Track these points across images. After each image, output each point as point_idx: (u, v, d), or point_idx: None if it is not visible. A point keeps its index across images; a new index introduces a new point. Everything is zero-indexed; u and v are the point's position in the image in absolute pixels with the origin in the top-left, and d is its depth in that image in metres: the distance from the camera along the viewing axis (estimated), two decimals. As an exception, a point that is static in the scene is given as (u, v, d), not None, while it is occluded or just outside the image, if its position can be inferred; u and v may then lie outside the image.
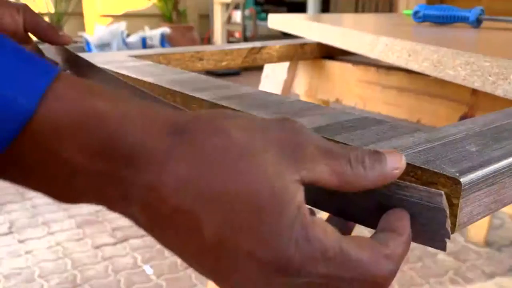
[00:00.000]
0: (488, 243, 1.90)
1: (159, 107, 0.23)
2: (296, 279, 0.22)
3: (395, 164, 0.25)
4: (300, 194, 0.22)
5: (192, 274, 1.65)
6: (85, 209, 2.11)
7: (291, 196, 0.22)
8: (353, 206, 0.28)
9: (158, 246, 1.82)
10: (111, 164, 0.21)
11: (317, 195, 0.28)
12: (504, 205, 0.28)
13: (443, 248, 0.25)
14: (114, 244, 1.84)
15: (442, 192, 0.24)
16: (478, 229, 1.85)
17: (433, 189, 0.25)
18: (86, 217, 2.04)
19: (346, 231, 0.29)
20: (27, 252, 1.77)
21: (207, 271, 0.23)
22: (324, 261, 0.22)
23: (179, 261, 1.73)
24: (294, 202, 0.22)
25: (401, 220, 0.25)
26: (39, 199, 2.20)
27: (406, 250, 0.24)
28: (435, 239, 0.25)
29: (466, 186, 0.25)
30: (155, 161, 0.21)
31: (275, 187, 0.21)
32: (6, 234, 1.90)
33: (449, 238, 0.25)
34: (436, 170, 0.26)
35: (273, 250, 0.21)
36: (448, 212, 0.25)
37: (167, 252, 1.78)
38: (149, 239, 1.86)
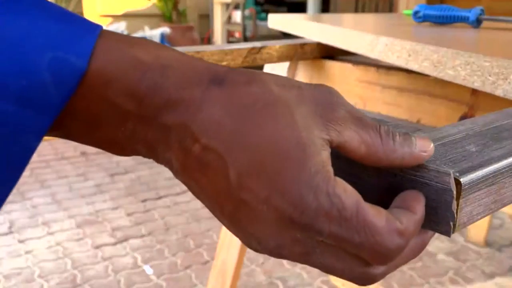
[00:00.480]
0: (488, 243, 1.90)
1: (199, 60, 0.24)
2: (308, 233, 0.22)
3: (424, 147, 0.25)
4: (325, 153, 0.22)
5: (192, 274, 1.65)
6: (85, 209, 2.11)
7: (317, 150, 0.22)
8: (363, 184, 0.28)
9: (158, 246, 1.82)
10: (154, 109, 0.22)
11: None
12: (504, 205, 0.28)
13: (448, 232, 0.25)
14: (114, 244, 1.84)
15: (451, 172, 0.25)
16: (478, 229, 1.84)
17: (442, 169, 0.25)
18: (86, 217, 2.04)
19: None
20: (27, 252, 1.77)
21: (226, 218, 0.24)
22: (339, 219, 0.22)
23: (179, 261, 1.73)
24: (318, 156, 0.22)
25: (416, 200, 0.25)
26: (39, 199, 2.20)
27: (417, 230, 0.24)
28: (441, 222, 0.26)
29: (466, 186, 0.25)
30: (193, 104, 0.22)
31: (302, 137, 0.22)
32: (6, 234, 1.90)
33: (454, 221, 0.25)
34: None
35: (291, 197, 0.21)
36: (455, 193, 0.25)
37: (167, 252, 1.78)
38: (149, 239, 1.86)
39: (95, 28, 0.22)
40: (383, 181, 0.27)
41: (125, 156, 0.26)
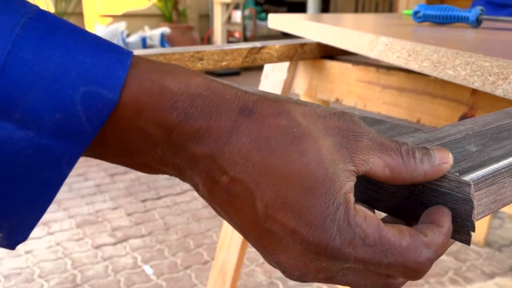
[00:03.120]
0: (488, 243, 1.90)
1: (228, 87, 0.24)
2: (334, 263, 0.23)
3: (443, 159, 0.26)
4: (349, 184, 0.24)
5: (192, 274, 1.65)
6: (85, 209, 2.11)
7: (341, 184, 0.23)
8: (383, 193, 0.29)
9: (158, 246, 1.82)
10: (183, 139, 0.23)
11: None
12: (504, 205, 0.28)
13: (468, 241, 0.26)
14: (114, 244, 1.84)
15: (471, 183, 0.25)
16: (478, 229, 1.85)
17: (463, 179, 0.25)
18: (86, 217, 2.04)
19: None
20: (27, 252, 1.77)
21: (252, 242, 0.25)
22: (364, 247, 0.23)
23: (179, 261, 1.73)
24: (342, 189, 0.23)
25: (441, 213, 0.25)
26: (39, 199, 2.20)
27: (446, 241, 0.25)
28: (461, 232, 0.26)
29: (466, 186, 0.25)
30: (221, 135, 0.23)
31: (329, 173, 0.23)
32: (6, 234, 1.90)
33: (473, 231, 0.25)
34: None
35: (316, 231, 0.22)
36: (475, 203, 0.25)
37: (167, 252, 1.78)
38: (149, 239, 1.86)
39: (127, 57, 0.23)
40: (403, 190, 0.28)
41: (155, 174, 0.27)
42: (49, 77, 0.21)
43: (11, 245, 0.24)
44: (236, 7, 5.36)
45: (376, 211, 0.28)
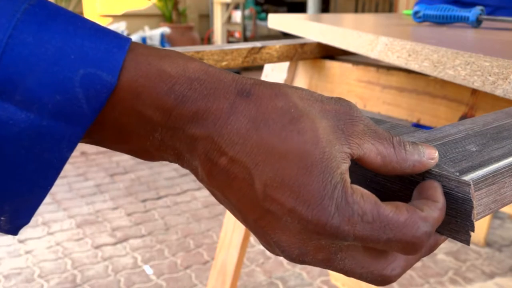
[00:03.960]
0: (488, 243, 1.90)
1: (225, 72, 0.25)
2: (333, 241, 0.24)
3: (431, 155, 0.26)
4: (345, 166, 0.24)
5: (192, 274, 1.65)
6: (85, 209, 2.11)
7: (338, 164, 0.23)
8: (386, 191, 0.29)
9: (158, 246, 1.82)
10: (182, 121, 0.23)
11: (355, 181, 0.29)
12: (504, 205, 0.28)
13: (467, 241, 0.26)
14: (114, 244, 1.84)
15: (471, 182, 0.25)
16: (478, 229, 1.84)
17: (462, 179, 0.25)
18: (86, 217, 2.04)
19: None
20: (27, 252, 1.77)
21: (250, 225, 0.25)
22: (362, 223, 0.23)
23: (179, 261, 1.73)
24: (338, 169, 0.23)
25: (433, 188, 0.26)
26: (39, 199, 2.20)
27: (441, 216, 0.25)
28: (460, 231, 0.26)
29: (466, 186, 0.25)
30: (220, 116, 0.23)
31: (326, 152, 0.23)
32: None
33: (473, 230, 0.25)
34: (436, 170, 0.26)
35: (315, 209, 0.23)
36: (475, 203, 0.25)
37: (167, 252, 1.78)
38: (149, 239, 1.86)
39: (125, 42, 0.23)
40: (405, 189, 0.28)
41: (154, 161, 0.27)
42: (49, 59, 0.21)
43: (14, 230, 0.24)
44: (236, 7, 5.36)
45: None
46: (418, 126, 1.41)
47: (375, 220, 0.23)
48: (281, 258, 1.76)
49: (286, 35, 4.88)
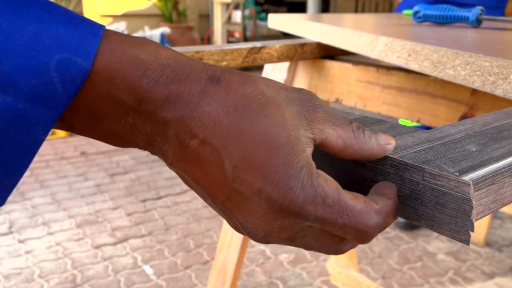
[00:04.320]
0: (488, 243, 1.90)
1: (196, 60, 0.26)
2: (296, 220, 0.25)
3: (388, 140, 0.28)
4: (310, 150, 0.25)
5: (192, 274, 1.65)
6: (85, 209, 2.11)
7: (303, 147, 0.25)
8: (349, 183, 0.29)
9: (158, 246, 1.82)
10: (154, 105, 0.24)
11: (348, 181, 0.30)
12: (504, 205, 0.28)
13: (467, 241, 0.26)
14: (114, 244, 1.84)
15: (471, 182, 0.25)
16: (478, 229, 1.84)
17: (462, 179, 0.25)
18: (86, 217, 2.04)
19: None
20: (27, 252, 1.77)
21: (219, 206, 0.26)
22: (323, 206, 0.25)
23: (179, 261, 1.73)
24: (304, 153, 0.25)
25: (389, 188, 0.28)
26: (39, 199, 2.20)
27: (392, 212, 0.27)
28: (460, 231, 0.26)
29: (466, 186, 0.25)
30: (191, 101, 0.24)
31: (291, 136, 0.24)
32: (6, 234, 1.90)
33: (472, 230, 0.25)
34: (436, 170, 0.26)
35: (281, 189, 0.24)
36: (474, 203, 0.25)
37: (167, 252, 1.78)
38: (149, 239, 1.86)
39: (99, 29, 0.24)
40: (405, 189, 0.28)
41: (124, 147, 0.27)
42: (25, 44, 0.22)
43: None
44: (236, 7, 5.36)
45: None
46: (423, 127, 1.41)
47: (335, 204, 0.25)
48: (281, 258, 1.76)
49: (286, 35, 4.88)
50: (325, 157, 0.31)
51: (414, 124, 1.42)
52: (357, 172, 0.30)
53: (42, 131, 0.23)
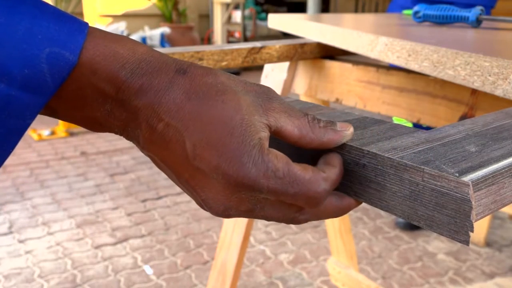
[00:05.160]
0: (488, 243, 1.90)
1: (167, 55, 0.30)
2: (251, 193, 0.28)
3: (345, 127, 0.31)
4: (264, 134, 0.28)
5: (192, 274, 1.65)
6: (85, 209, 2.11)
7: (256, 130, 0.28)
8: (386, 192, 0.29)
9: (158, 246, 1.82)
10: (129, 93, 0.27)
11: (350, 182, 0.31)
12: (504, 205, 0.28)
13: (466, 241, 0.26)
14: (114, 244, 1.84)
15: (470, 183, 0.25)
16: (478, 229, 1.84)
17: (462, 180, 0.25)
18: (86, 217, 2.04)
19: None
20: (27, 252, 1.77)
21: (183, 185, 0.29)
22: (275, 178, 0.27)
23: (179, 261, 1.73)
24: (257, 134, 0.28)
25: (335, 157, 0.31)
26: (39, 199, 2.20)
27: (339, 178, 0.30)
28: (460, 232, 0.26)
29: (466, 186, 0.25)
30: (160, 89, 0.27)
31: (245, 119, 0.27)
32: (6, 234, 1.90)
33: (472, 231, 0.25)
34: (435, 171, 0.26)
35: (235, 165, 0.27)
36: (474, 204, 0.25)
37: (167, 252, 1.78)
38: (149, 239, 1.86)
39: (84, 26, 0.27)
40: (404, 189, 0.28)
41: (101, 132, 0.31)
42: (19, 38, 0.24)
43: None
44: (236, 7, 5.36)
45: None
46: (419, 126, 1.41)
47: (285, 176, 0.27)
48: (281, 258, 1.76)
49: (286, 35, 4.88)
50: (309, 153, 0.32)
51: (408, 123, 1.42)
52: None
53: (29, 116, 0.26)
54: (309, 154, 0.32)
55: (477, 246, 1.88)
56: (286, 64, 0.90)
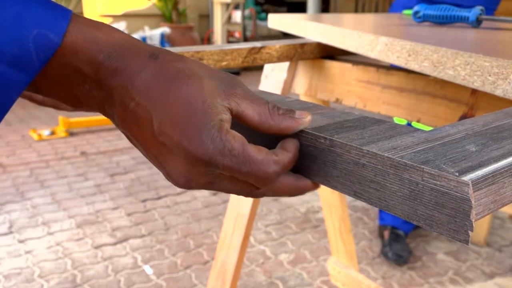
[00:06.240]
0: (488, 243, 1.90)
1: (142, 42, 0.32)
2: (209, 168, 0.30)
3: (303, 115, 0.33)
4: (225, 116, 0.31)
5: (192, 274, 1.65)
6: (85, 209, 2.11)
7: (217, 112, 0.30)
8: (385, 191, 0.29)
9: (158, 246, 1.82)
10: (106, 74, 0.30)
11: (350, 182, 0.31)
12: (504, 205, 0.28)
13: (466, 241, 0.26)
14: (114, 244, 1.84)
15: (470, 182, 0.25)
16: (478, 229, 1.84)
17: (461, 179, 0.25)
18: (86, 217, 2.04)
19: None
20: (27, 252, 1.77)
21: (152, 159, 0.32)
22: (230, 156, 0.30)
23: (179, 261, 1.73)
24: (218, 115, 0.30)
25: (291, 143, 0.33)
26: (39, 199, 2.20)
27: (291, 163, 0.33)
28: (459, 231, 0.26)
29: (466, 186, 0.25)
30: (133, 71, 0.30)
31: (207, 101, 0.30)
32: (6, 234, 1.90)
33: (472, 230, 0.25)
34: (435, 170, 0.26)
35: (195, 142, 0.29)
36: (473, 203, 0.25)
37: (167, 252, 1.78)
38: (149, 239, 1.86)
39: (68, 12, 0.30)
40: (404, 189, 0.28)
41: (80, 109, 0.34)
42: (10, 20, 0.27)
43: None
44: (236, 7, 5.36)
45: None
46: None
47: (240, 155, 0.30)
48: (281, 258, 1.76)
49: (286, 35, 4.88)
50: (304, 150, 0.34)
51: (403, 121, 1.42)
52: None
53: (15, 91, 0.28)
54: (273, 140, 0.34)
55: (477, 246, 1.88)
56: (286, 64, 0.90)
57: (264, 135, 0.34)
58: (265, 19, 5.73)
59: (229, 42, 5.31)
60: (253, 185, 0.32)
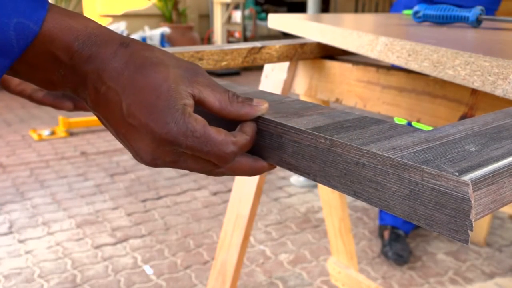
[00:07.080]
0: (488, 243, 1.90)
1: (114, 31, 0.35)
2: (173, 147, 0.33)
3: (260, 103, 0.37)
4: (188, 101, 0.34)
5: (192, 274, 1.65)
6: (85, 209, 2.11)
7: (181, 97, 0.33)
8: (385, 191, 0.29)
9: (158, 246, 1.82)
10: (79, 61, 0.33)
11: (350, 181, 0.32)
12: (503, 205, 0.28)
13: (466, 241, 0.26)
14: (114, 244, 1.84)
15: (469, 182, 0.25)
16: (478, 229, 1.84)
17: (461, 179, 0.25)
18: (86, 217, 2.04)
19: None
20: (27, 252, 1.77)
21: (121, 139, 0.35)
22: (192, 137, 0.33)
23: (179, 261, 1.73)
24: (181, 100, 0.33)
25: (249, 126, 0.37)
26: (39, 199, 2.20)
27: (248, 144, 0.36)
28: (459, 231, 0.26)
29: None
30: (105, 58, 0.33)
31: (171, 87, 0.33)
32: (6, 234, 1.90)
33: (472, 230, 0.25)
34: (435, 170, 0.26)
35: (160, 123, 0.32)
36: (473, 203, 0.25)
37: (167, 252, 1.78)
38: (149, 239, 1.86)
39: (46, 3, 0.32)
40: (404, 189, 0.28)
41: (55, 91, 0.36)
42: None
43: None
44: (236, 7, 5.36)
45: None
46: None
47: (201, 136, 0.33)
48: (281, 258, 1.76)
49: (286, 35, 4.88)
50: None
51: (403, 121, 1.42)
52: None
53: None
54: (234, 124, 0.38)
55: (477, 246, 1.88)
56: (286, 64, 0.90)
57: (227, 120, 0.37)
58: (265, 19, 5.73)
59: (229, 42, 5.31)
60: (214, 163, 0.36)
